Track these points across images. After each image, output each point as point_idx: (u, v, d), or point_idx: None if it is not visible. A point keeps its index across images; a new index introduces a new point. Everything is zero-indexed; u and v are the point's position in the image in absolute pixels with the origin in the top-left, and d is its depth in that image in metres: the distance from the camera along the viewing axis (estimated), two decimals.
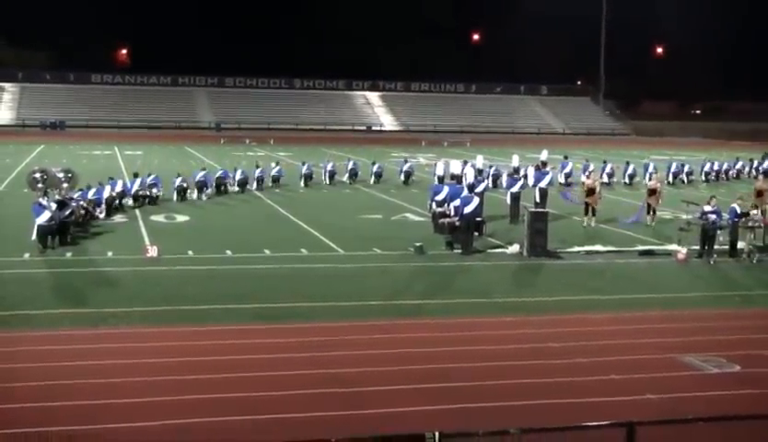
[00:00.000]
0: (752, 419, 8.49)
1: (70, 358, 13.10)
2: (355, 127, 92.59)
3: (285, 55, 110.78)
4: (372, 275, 19.78)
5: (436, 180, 33.59)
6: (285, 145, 65.25)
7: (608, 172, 41.14)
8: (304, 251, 22.36)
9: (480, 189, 27.15)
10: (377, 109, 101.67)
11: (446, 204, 24.73)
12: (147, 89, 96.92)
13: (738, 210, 22.99)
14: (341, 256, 22.10)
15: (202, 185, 33.21)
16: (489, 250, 23.03)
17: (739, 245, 22.89)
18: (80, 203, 24.64)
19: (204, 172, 34.16)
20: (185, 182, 32.61)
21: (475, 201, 23.33)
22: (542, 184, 29.30)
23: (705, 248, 22.32)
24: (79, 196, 25.33)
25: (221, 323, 15.30)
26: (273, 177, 37.72)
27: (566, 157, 42.24)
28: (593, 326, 15.89)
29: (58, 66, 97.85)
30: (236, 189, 34.97)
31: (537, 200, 28.43)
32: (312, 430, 10.37)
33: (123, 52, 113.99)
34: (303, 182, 37.93)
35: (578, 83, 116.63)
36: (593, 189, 27.66)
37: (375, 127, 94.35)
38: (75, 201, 24.24)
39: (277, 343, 14.22)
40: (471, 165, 30.25)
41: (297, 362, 13.16)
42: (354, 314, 16.16)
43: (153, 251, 21.17)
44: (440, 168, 36.16)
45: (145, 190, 30.89)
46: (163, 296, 17.22)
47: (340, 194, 35.91)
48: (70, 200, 23.63)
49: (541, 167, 32.84)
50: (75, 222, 23.58)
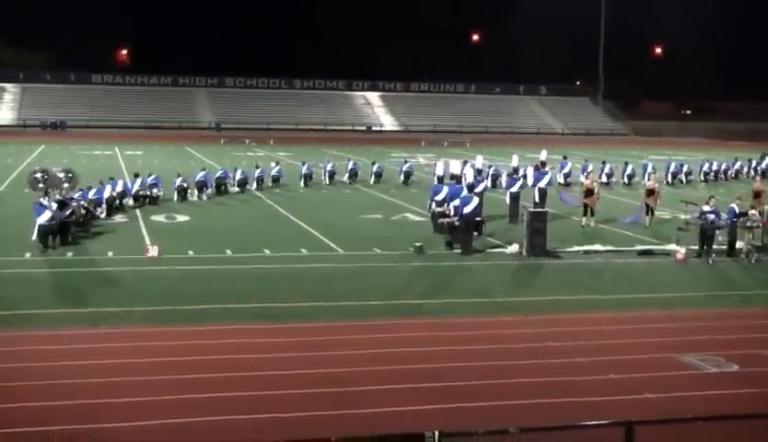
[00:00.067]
0: (751, 418, 8.52)
1: (71, 358, 13.14)
2: (355, 127, 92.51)
3: (285, 55, 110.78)
4: (372, 275, 19.82)
5: (435, 180, 33.63)
6: (285, 145, 65.23)
7: (607, 172, 41.21)
8: (304, 251, 22.40)
9: (479, 189, 27.20)
10: (376, 109, 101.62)
11: (445, 204, 24.77)
12: (148, 89, 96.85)
13: (737, 210, 23.05)
14: (341, 256, 22.14)
15: (202, 185, 33.26)
16: (488, 249, 23.08)
17: (738, 245, 22.95)
18: (81, 203, 24.68)
19: (204, 172, 34.21)
20: (185, 182, 32.65)
21: (475, 201, 23.37)
22: (542, 184, 29.35)
23: (704, 247, 22.36)
24: (80, 196, 25.38)
25: (221, 323, 15.34)
26: (273, 177, 37.75)
27: (565, 158, 42.25)
28: (592, 325, 15.93)
29: (58, 67, 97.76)
30: (236, 189, 35.02)
31: (536, 200, 28.48)
32: (312, 429, 10.39)
33: (124, 52, 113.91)
34: (303, 182, 37.96)
35: (577, 83, 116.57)
36: (591, 189, 27.70)
37: (375, 127, 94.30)
38: (76, 201, 24.28)
39: (277, 342, 14.25)
40: (470, 165, 30.30)
41: (297, 361, 13.19)
42: (354, 314, 16.21)
43: (153, 251, 21.22)
44: (440, 169, 36.20)
45: (146, 190, 30.93)
46: (163, 296, 17.26)
47: (340, 194, 35.93)
48: (71, 200, 23.69)
49: (541, 167, 32.87)
50: (76, 222, 23.61)
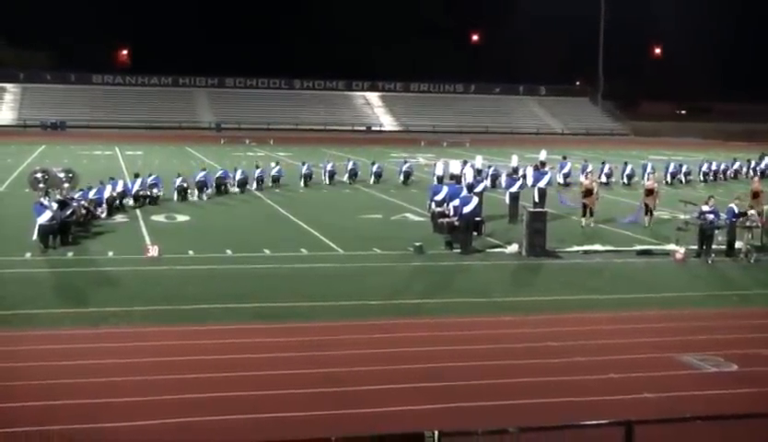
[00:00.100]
0: (750, 418, 8.54)
1: (71, 357, 13.16)
2: (355, 127, 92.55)
3: (285, 55, 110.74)
4: (372, 275, 19.84)
5: (435, 181, 33.65)
6: (285, 146, 65.26)
7: (606, 172, 41.26)
8: (304, 251, 22.43)
9: (479, 189, 27.22)
10: (376, 109, 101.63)
11: (445, 204, 24.80)
12: (148, 90, 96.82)
13: (736, 210, 23.08)
14: (340, 256, 22.17)
15: (202, 185, 33.30)
16: (488, 249, 23.11)
17: (737, 245, 22.99)
18: (81, 203, 24.72)
19: (205, 172, 34.26)
20: (185, 182, 32.68)
21: (474, 201, 23.41)
22: (541, 184, 29.39)
23: (703, 247, 22.39)
24: (80, 196, 25.42)
25: (221, 322, 15.36)
26: (273, 177, 37.78)
27: (565, 158, 42.27)
28: (591, 325, 15.95)
29: (59, 67, 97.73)
30: (236, 190, 35.03)
31: (536, 200, 28.53)
32: (312, 429, 10.42)
33: (124, 52, 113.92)
34: (303, 182, 37.99)
35: (577, 83, 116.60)
36: (590, 189, 27.73)
37: (374, 127, 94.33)
38: (77, 201, 24.31)
39: (277, 342, 14.28)
40: (470, 165, 30.33)
41: (297, 361, 13.22)
42: (354, 313, 16.23)
43: (153, 251, 21.24)
44: (439, 169, 36.24)
45: (146, 190, 30.96)
46: (163, 296, 17.29)
47: (340, 194, 35.96)
48: (71, 200, 23.73)
49: (540, 167, 32.91)
50: (77, 222, 23.64)
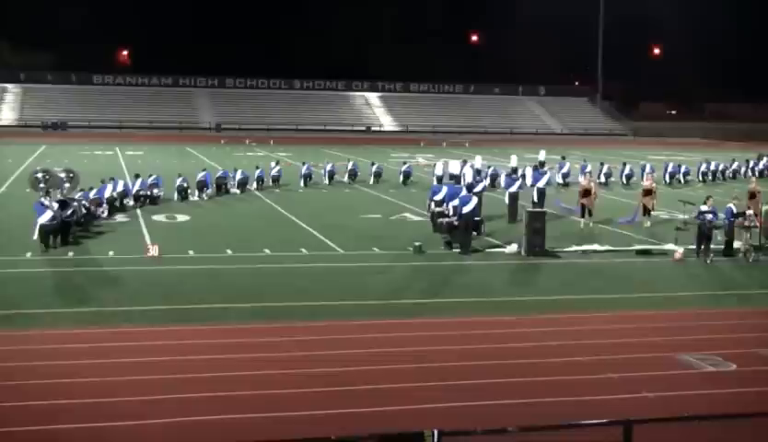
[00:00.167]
0: (748, 417, 8.58)
1: (71, 357, 13.22)
2: (355, 128, 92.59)
3: (285, 56, 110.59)
4: (371, 274, 19.89)
5: (435, 181, 33.70)
6: (285, 146, 65.31)
7: (605, 173, 41.32)
8: (304, 251, 22.48)
9: (478, 189, 27.27)
10: (376, 109, 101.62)
11: (444, 204, 24.85)
12: (148, 90, 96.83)
13: (735, 210, 23.14)
14: (340, 255, 22.22)
15: (202, 185, 33.35)
16: (487, 249, 23.15)
17: (735, 244, 23.04)
18: (82, 203, 24.77)
19: (205, 172, 34.32)
20: (186, 182, 32.74)
21: (474, 200, 23.46)
22: (540, 184, 29.46)
23: (702, 247, 22.45)
24: (81, 196, 25.47)
25: (221, 322, 15.41)
26: (273, 177, 37.84)
27: (564, 158, 42.34)
28: (590, 325, 16.01)
29: (60, 67, 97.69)
30: (236, 191, 35.05)
31: (535, 200, 28.60)
32: (311, 428, 10.48)
33: (124, 53, 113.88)
34: (303, 182, 38.04)
35: (576, 84, 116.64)
36: (589, 189, 27.78)
37: (374, 128, 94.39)
38: (77, 200, 24.36)
39: (277, 341, 14.32)
40: (469, 165, 30.39)
41: (297, 360, 13.27)
42: (354, 313, 16.27)
43: (154, 251, 21.30)
44: (439, 169, 36.30)
45: (147, 190, 31.01)
46: (164, 295, 17.35)
47: (339, 194, 36.00)
48: (72, 200, 23.79)
49: (539, 167, 32.98)
50: (77, 221, 23.69)
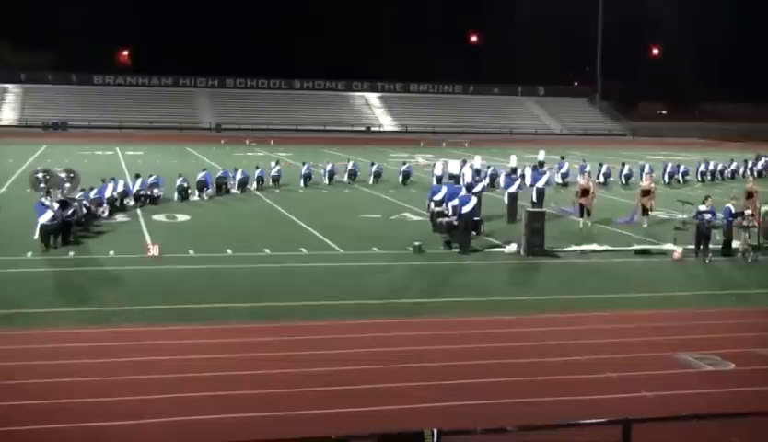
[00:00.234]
0: (747, 416, 8.63)
1: (72, 356, 13.26)
2: (355, 128, 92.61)
3: (285, 56, 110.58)
4: (371, 274, 19.93)
5: (434, 181, 33.74)
6: (285, 146, 65.36)
7: (604, 173, 41.37)
8: (303, 251, 22.52)
9: (478, 189, 27.35)
10: (376, 109, 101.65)
11: (444, 204, 24.90)
12: (148, 90, 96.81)
13: (733, 209, 23.20)
14: (340, 255, 22.27)
15: (202, 185, 33.40)
16: (487, 249, 23.20)
17: (734, 244, 23.09)
18: (82, 203, 24.82)
19: (205, 172, 34.36)
20: (186, 182, 32.78)
21: (473, 200, 23.52)
22: (540, 184, 29.53)
23: (701, 247, 22.51)
24: (81, 196, 25.52)
25: (221, 321, 15.45)
26: (273, 177, 37.88)
27: (563, 158, 42.40)
28: (589, 324, 16.05)
29: (60, 67, 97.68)
30: (237, 191, 35.08)
31: (534, 200, 28.65)
32: (311, 427, 10.51)
33: (125, 53, 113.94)
34: (303, 182, 38.08)
35: (575, 84, 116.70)
36: (587, 189, 27.83)
37: (374, 128, 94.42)
38: (78, 200, 24.41)
39: (277, 340, 14.36)
40: (469, 165, 30.45)
41: (297, 360, 13.30)
42: (354, 312, 16.32)
43: (154, 250, 21.34)
44: (438, 169, 36.35)
45: (147, 189, 31.05)
46: (164, 295, 17.39)
47: (339, 194, 36.04)
48: (72, 199, 23.83)
49: (539, 167, 33.04)
50: (78, 221, 23.73)
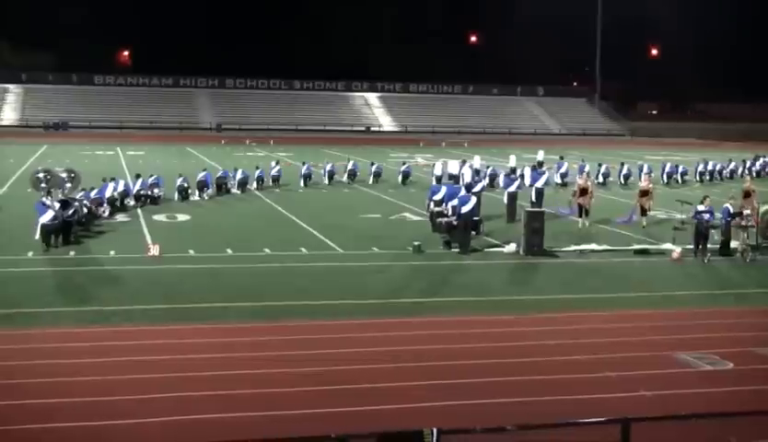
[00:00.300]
0: (745, 415, 8.68)
1: (72, 356, 13.30)
2: (354, 128, 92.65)
3: (285, 56, 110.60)
4: (371, 274, 19.97)
5: (434, 181, 33.79)
6: (285, 146, 65.40)
7: (603, 173, 41.43)
8: (303, 250, 22.56)
9: (477, 188, 27.39)
10: (375, 110, 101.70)
11: (443, 204, 24.94)
12: (149, 90, 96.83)
13: (731, 209, 23.25)
14: (340, 255, 22.31)
15: (203, 185, 33.44)
16: (486, 248, 23.24)
17: (732, 244, 23.14)
18: (83, 203, 24.87)
19: (205, 172, 34.41)
20: (186, 182, 32.82)
21: (473, 200, 23.57)
22: (539, 184, 29.59)
23: (699, 247, 22.55)
24: (82, 196, 25.57)
25: (221, 321, 15.48)
26: (273, 177, 37.93)
27: (562, 158, 42.46)
28: (588, 324, 16.09)
29: (61, 68, 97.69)
30: (237, 191, 35.13)
31: (533, 199, 28.70)
32: (311, 426, 10.53)
33: (125, 53, 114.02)
34: (303, 182, 38.12)
35: (574, 84, 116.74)
36: (586, 189, 27.88)
37: (374, 128, 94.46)
38: (78, 200, 24.46)
39: (277, 340, 14.39)
40: (468, 165, 30.50)
41: (297, 359, 13.34)
42: (353, 312, 16.35)
43: (155, 250, 21.39)
44: (438, 169, 36.39)
45: (147, 189, 31.09)
46: (164, 295, 17.43)
47: (339, 194, 36.08)
48: (73, 199, 23.88)
49: (538, 167, 33.11)
50: (78, 221, 23.78)
